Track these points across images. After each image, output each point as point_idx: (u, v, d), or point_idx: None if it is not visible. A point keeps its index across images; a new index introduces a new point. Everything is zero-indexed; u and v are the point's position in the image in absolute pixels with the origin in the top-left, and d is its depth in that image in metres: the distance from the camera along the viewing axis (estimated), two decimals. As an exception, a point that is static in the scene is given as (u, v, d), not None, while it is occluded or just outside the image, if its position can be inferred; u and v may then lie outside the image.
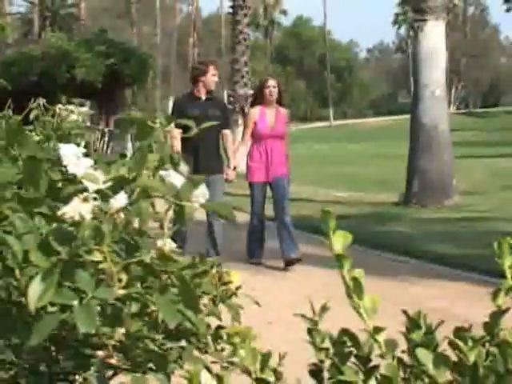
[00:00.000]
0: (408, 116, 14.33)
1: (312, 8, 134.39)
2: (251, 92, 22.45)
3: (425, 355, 1.02)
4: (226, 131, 8.17)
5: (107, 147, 25.51)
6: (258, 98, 8.46)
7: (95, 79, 26.05)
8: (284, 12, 77.57)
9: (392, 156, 21.73)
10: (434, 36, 13.24)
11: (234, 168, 8.25)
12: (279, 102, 8.44)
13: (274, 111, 8.37)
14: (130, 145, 25.74)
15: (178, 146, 7.43)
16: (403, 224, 11.16)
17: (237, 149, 8.48)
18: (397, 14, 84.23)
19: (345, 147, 33.84)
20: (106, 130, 26.03)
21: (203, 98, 8.00)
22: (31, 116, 2.27)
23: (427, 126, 13.09)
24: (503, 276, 1.25)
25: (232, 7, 23.00)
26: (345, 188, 16.25)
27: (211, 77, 8.00)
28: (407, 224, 11.15)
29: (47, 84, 24.39)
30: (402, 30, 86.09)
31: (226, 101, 18.18)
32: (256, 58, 58.34)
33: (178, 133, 7.27)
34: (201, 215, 7.25)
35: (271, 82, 8.36)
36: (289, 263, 8.07)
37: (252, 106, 8.57)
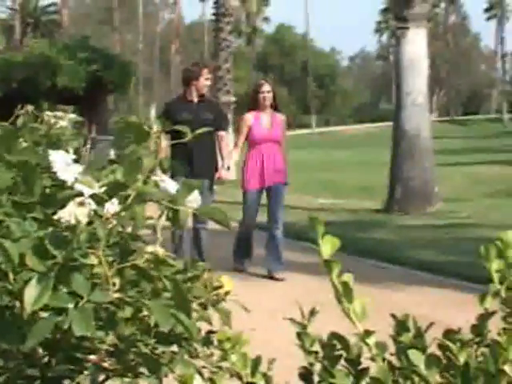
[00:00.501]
0: (390, 123, 14.40)
1: (294, 16, 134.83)
2: (234, 99, 22.48)
3: (417, 356, 1.04)
4: (222, 133, 7.97)
5: (89, 154, 25.44)
6: (252, 104, 8.12)
7: (77, 86, 25.94)
8: (266, 19, 77.59)
9: (374, 163, 21.80)
10: (416, 44, 13.33)
11: (228, 168, 8.02)
12: (275, 108, 8.14)
13: (270, 115, 8.08)
14: (112, 152, 25.68)
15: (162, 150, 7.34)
16: (386, 231, 11.20)
17: (230, 154, 8.17)
18: (379, 22, 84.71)
19: (327, 154, 33.90)
20: (89, 136, 25.94)
21: (195, 100, 7.81)
22: (18, 122, 2.28)
23: (409, 134, 13.16)
24: (485, 282, 1.27)
25: (215, 14, 23.05)
26: (327, 195, 16.29)
27: (204, 81, 7.81)
28: (390, 231, 11.20)
29: (29, 91, 24.27)
30: (384, 38, 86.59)
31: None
32: (238, 65, 58.35)
33: (165, 143, 7.17)
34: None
35: (266, 88, 8.04)
36: (271, 278, 7.94)
37: (247, 111, 8.18)
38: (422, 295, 7.10)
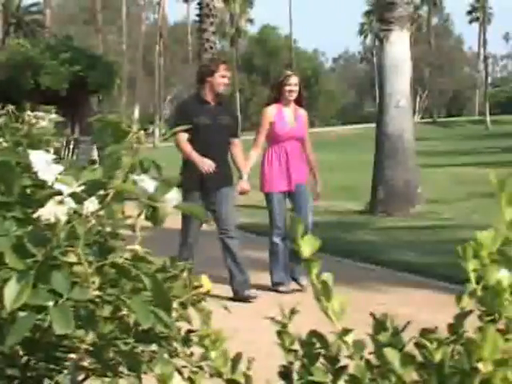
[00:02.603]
0: (374, 125, 14.43)
1: (278, 17, 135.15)
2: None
3: (392, 354, 1.05)
4: (236, 140, 7.27)
5: (72, 155, 25.36)
6: (275, 96, 7.35)
7: (60, 86, 25.87)
8: (250, 21, 77.63)
9: (358, 165, 21.86)
10: (399, 46, 13.38)
11: (247, 179, 7.26)
12: (299, 103, 7.44)
13: (293, 110, 7.37)
14: (95, 153, 25.63)
15: (188, 148, 6.82)
16: (369, 232, 11.24)
17: (248, 163, 7.33)
18: (362, 24, 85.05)
19: (311, 156, 33.96)
20: (71, 137, 25.87)
21: (212, 102, 7.08)
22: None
23: (392, 135, 13.20)
24: (466, 283, 1.28)
25: (199, 15, 23.07)
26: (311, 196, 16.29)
27: (219, 78, 7.02)
28: (373, 232, 11.23)
29: (12, 91, 24.20)
30: (368, 40, 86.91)
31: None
32: (222, 67, 58.14)
33: (184, 136, 6.77)
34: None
35: (293, 80, 7.24)
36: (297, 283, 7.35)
37: (267, 104, 7.46)
38: (404, 296, 7.12)
